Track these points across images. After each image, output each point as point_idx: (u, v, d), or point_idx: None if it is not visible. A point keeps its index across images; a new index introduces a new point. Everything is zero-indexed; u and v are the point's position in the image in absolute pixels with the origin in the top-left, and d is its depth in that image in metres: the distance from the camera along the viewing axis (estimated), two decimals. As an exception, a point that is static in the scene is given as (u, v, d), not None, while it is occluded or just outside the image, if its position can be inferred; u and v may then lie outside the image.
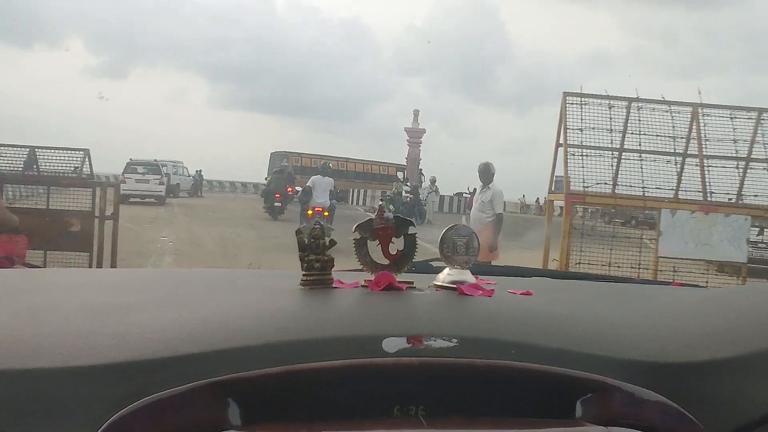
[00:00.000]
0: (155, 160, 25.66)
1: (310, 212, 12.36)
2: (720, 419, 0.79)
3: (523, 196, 45.50)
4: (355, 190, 35.34)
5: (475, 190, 9.53)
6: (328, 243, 1.00)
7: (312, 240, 0.99)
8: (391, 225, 1.02)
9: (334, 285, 1.00)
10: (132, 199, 22.57)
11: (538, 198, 43.78)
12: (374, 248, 1.04)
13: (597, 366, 0.79)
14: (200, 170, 35.59)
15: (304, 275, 0.99)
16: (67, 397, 0.67)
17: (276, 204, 18.49)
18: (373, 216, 1.03)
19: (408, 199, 22.39)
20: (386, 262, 1.03)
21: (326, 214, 11.99)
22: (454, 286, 1.01)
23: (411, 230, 1.04)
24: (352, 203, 34.17)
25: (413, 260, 1.05)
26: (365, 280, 1.02)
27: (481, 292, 1.00)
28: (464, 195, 29.81)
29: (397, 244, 1.04)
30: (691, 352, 0.85)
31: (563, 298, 1.17)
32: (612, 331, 0.90)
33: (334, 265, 1.01)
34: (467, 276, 1.03)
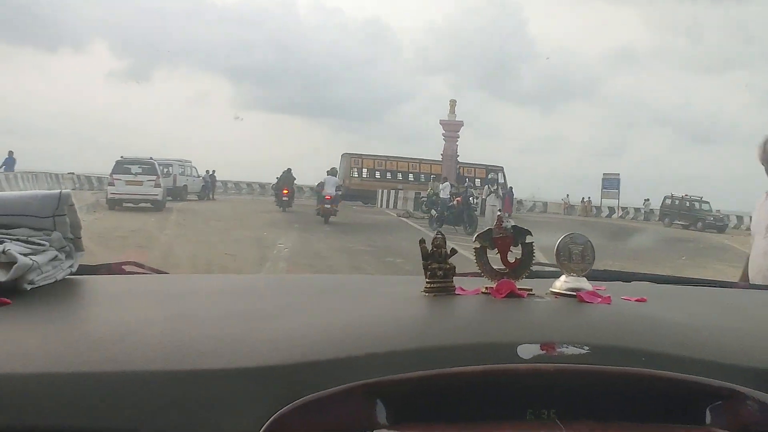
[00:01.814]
0: (151, 158, 24.61)
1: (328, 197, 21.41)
2: None
3: (567, 195, 45.29)
4: (384, 191, 35.64)
5: None
6: (449, 252, 1.16)
7: (434, 249, 1.15)
8: (510, 234, 1.19)
9: (456, 292, 1.17)
10: (126, 204, 22.44)
11: (584, 198, 43.55)
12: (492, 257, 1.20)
13: (725, 374, 0.88)
14: (212, 171, 35.98)
15: (427, 282, 1.16)
16: (231, 397, 0.81)
17: (284, 198, 25.16)
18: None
19: (454, 202, 20.94)
20: (506, 270, 1.19)
21: (327, 197, 21.30)
22: (573, 293, 1.16)
23: (528, 239, 1.20)
24: (381, 206, 34.21)
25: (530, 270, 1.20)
26: (486, 287, 1.18)
27: (600, 299, 1.15)
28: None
29: (515, 253, 1.20)
30: None
31: (678, 304, 1.30)
32: (734, 338, 1.01)
33: (455, 273, 1.17)
34: (584, 283, 1.19)
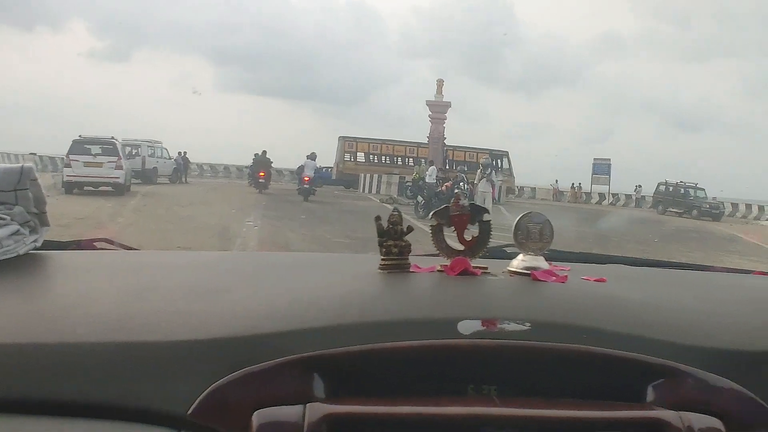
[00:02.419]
0: (112, 138, 23.56)
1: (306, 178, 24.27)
2: None
3: (556, 181, 45.51)
4: (367, 175, 35.37)
5: None
6: (405, 229, 1.21)
7: (390, 226, 1.20)
8: (467, 213, 1.24)
9: (411, 269, 1.21)
10: (87, 188, 21.61)
11: (574, 183, 43.81)
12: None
13: (669, 352, 0.92)
14: (185, 152, 35.55)
15: (382, 260, 1.21)
16: (169, 368, 0.86)
17: (260, 180, 26.91)
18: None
19: (443, 188, 20.62)
20: (461, 248, 1.24)
21: (306, 179, 24.14)
22: (528, 272, 1.21)
23: (486, 217, 1.25)
24: (363, 191, 34.06)
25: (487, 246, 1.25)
26: (441, 265, 1.23)
27: (554, 278, 1.20)
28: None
29: (471, 231, 1.25)
30: (765, 341, 0.99)
31: (638, 284, 1.36)
32: (685, 318, 1.06)
33: (411, 251, 1.22)
34: (541, 262, 1.24)
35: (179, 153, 35.17)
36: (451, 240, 1.25)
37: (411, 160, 38.22)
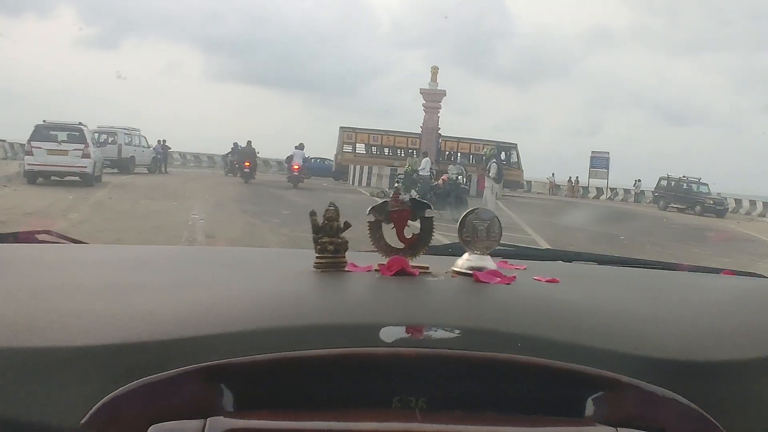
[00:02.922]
0: (80, 123, 22.51)
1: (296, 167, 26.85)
2: (745, 424, 0.89)
3: (552, 174, 45.55)
4: (357, 167, 35.28)
5: None
6: (342, 225, 1.18)
7: (326, 222, 1.17)
8: (407, 208, 1.21)
9: (347, 268, 1.19)
10: (53, 178, 20.89)
11: (571, 177, 43.87)
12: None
13: (611, 362, 0.89)
14: (164, 140, 35.51)
15: (317, 258, 1.18)
16: (60, 377, 0.82)
17: (245, 170, 28.36)
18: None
19: (439, 181, 19.61)
20: (401, 246, 1.21)
21: (294, 167, 27.02)
22: (471, 272, 1.19)
23: (428, 213, 1.22)
24: (353, 183, 33.92)
25: (431, 244, 1.23)
26: (378, 265, 1.20)
27: (498, 279, 1.18)
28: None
29: (413, 228, 1.23)
30: (717, 351, 0.96)
31: (592, 286, 1.34)
32: (632, 325, 1.03)
33: (348, 248, 1.19)
34: (487, 262, 1.22)
35: (159, 141, 35.11)
36: (393, 237, 1.23)
37: (415, 152, 37.55)
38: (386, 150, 38.92)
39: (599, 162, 43.53)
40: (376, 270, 1.20)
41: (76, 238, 1.63)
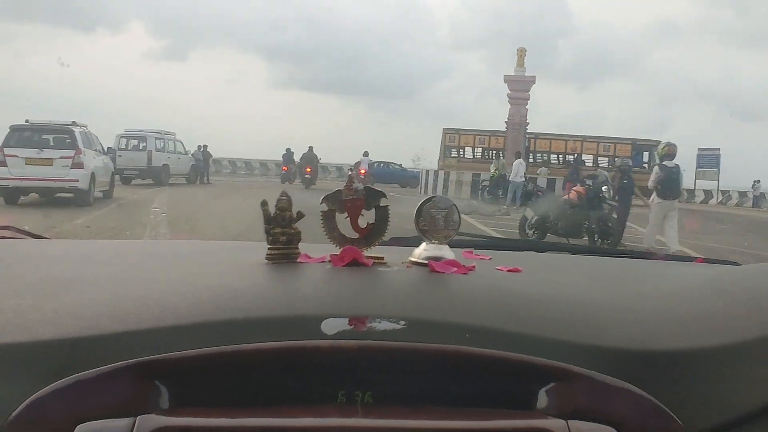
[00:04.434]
0: (74, 122, 19.61)
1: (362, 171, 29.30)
2: (701, 414, 0.97)
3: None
4: (430, 172, 34.23)
5: None
6: (295, 215, 1.35)
7: (278, 212, 1.34)
8: (361, 197, 1.38)
9: (299, 259, 1.36)
10: (34, 195, 18.53)
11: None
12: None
13: (565, 353, 0.97)
14: (205, 146, 35.73)
15: (269, 249, 1.35)
16: None
17: (306, 176, 32.22)
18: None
19: (571, 195, 14.46)
20: (356, 236, 1.38)
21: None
22: (427, 262, 1.34)
23: (383, 202, 1.38)
24: (425, 191, 32.22)
25: (385, 234, 1.39)
26: (331, 255, 1.37)
27: (455, 269, 1.32)
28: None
29: (367, 217, 1.38)
30: (673, 339, 1.04)
31: (555, 276, 1.47)
32: (588, 314, 1.13)
33: (300, 239, 1.36)
34: (445, 251, 1.37)
35: (198, 147, 35.48)
36: (347, 228, 1.39)
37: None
38: (494, 153, 37.44)
39: (707, 160, 41.98)
40: (329, 261, 1.35)
41: (37, 234, 1.84)
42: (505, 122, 36.29)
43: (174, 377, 0.93)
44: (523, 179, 23.54)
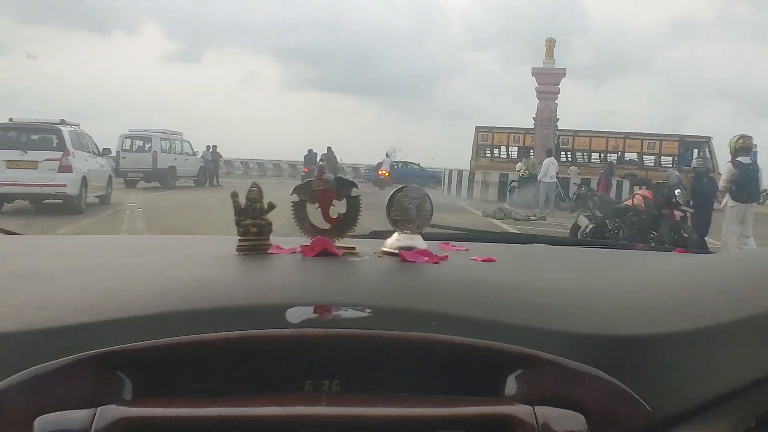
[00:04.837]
0: (62, 121, 19.03)
1: (385, 172, 34.62)
2: (669, 399, 1.03)
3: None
4: (454, 172, 34.21)
5: None
6: (266, 206, 1.45)
7: (248, 203, 1.44)
8: (332, 187, 1.47)
9: (270, 251, 1.45)
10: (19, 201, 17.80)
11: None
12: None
13: (533, 339, 1.04)
14: (214, 146, 36.01)
15: (240, 241, 1.45)
16: None
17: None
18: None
19: (633, 201, 12.91)
20: (327, 226, 1.47)
21: (381, 172, 35.77)
22: (398, 252, 1.43)
23: (354, 192, 1.48)
24: (448, 193, 32.72)
25: (356, 225, 1.48)
26: (302, 246, 1.46)
27: (426, 258, 1.41)
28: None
29: (339, 208, 1.48)
30: (641, 325, 1.11)
31: (532, 265, 1.56)
32: (561, 301, 1.20)
33: (272, 230, 1.46)
34: (417, 241, 1.46)
35: (207, 147, 35.75)
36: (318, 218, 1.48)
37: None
38: (524, 151, 36.83)
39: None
40: (299, 252, 1.45)
41: (10, 230, 1.95)
42: (533, 118, 35.76)
43: (136, 368, 0.98)
44: (555, 179, 23.49)
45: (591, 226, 12.74)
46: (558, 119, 35.51)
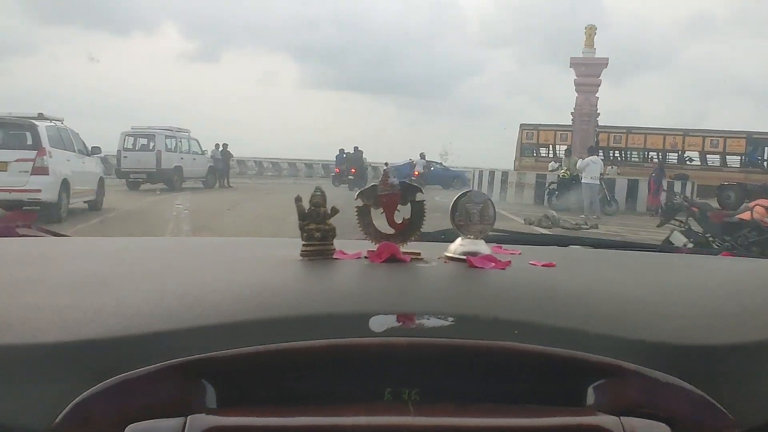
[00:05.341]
0: (40, 114, 17.61)
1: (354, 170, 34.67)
2: (753, 409, 1.09)
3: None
4: (485, 172, 33.48)
5: None
6: (330, 211, 1.58)
7: (312, 208, 1.57)
8: (397, 192, 1.60)
9: (335, 256, 1.59)
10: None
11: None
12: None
13: (613, 348, 1.10)
14: (225, 144, 35.76)
15: (303, 245, 1.58)
16: (33, 375, 1.01)
17: (350, 177, 35.29)
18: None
19: (749, 215, 11.22)
20: (391, 231, 1.61)
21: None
22: (464, 257, 1.56)
23: (419, 197, 1.61)
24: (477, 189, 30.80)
25: (422, 230, 1.62)
26: (368, 252, 1.59)
27: (493, 264, 1.54)
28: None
29: (403, 213, 1.61)
30: (723, 334, 1.19)
31: (590, 270, 1.69)
32: (633, 309, 1.28)
33: (335, 235, 1.59)
34: (480, 246, 1.60)
35: (216, 146, 35.61)
36: (383, 223, 1.61)
37: (634, 153, 36.82)
38: (564, 150, 34.77)
39: None
40: (365, 257, 1.58)
41: (57, 232, 2.09)
42: (571, 113, 35.40)
43: (221, 376, 1.05)
44: (598, 181, 22.61)
45: (689, 244, 10.52)
46: (599, 114, 34.99)
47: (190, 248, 1.96)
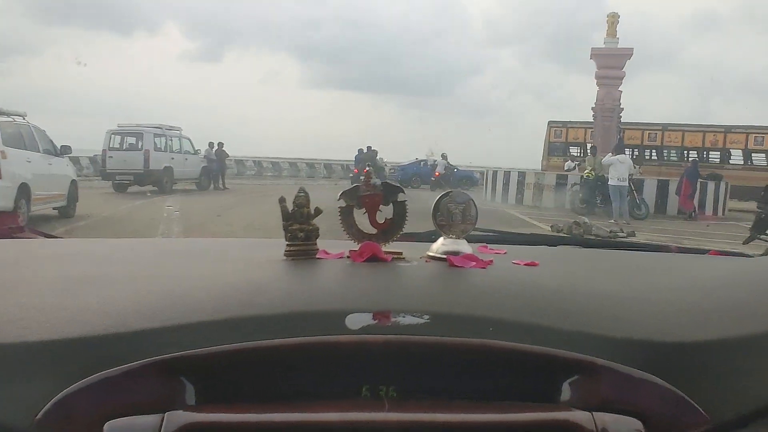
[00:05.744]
0: None
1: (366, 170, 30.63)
2: (725, 405, 1.16)
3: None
4: (499, 173, 32.16)
5: None
6: (313, 212, 1.71)
7: (296, 208, 1.70)
8: (379, 192, 1.74)
9: (318, 255, 1.71)
10: None
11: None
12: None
13: (587, 345, 1.18)
14: (220, 144, 35.40)
15: (287, 245, 1.71)
16: (16, 373, 1.09)
17: (361, 177, 31.24)
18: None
19: None
20: (374, 231, 1.74)
21: (437, 174, 41.35)
22: (445, 257, 1.69)
23: (400, 197, 1.74)
24: (490, 197, 30.49)
25: (403, 230, 1.75)
26: (350, 251, 1.72)
27: (474, 263, 1.67)
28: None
29: (385, 213, 1.74)
30: (698, 331, 1.26)
31: (573, 269, 1.81)
32: (610, 307, 1.36)
33: (318, 235, 1.72)
34: (462, 246, 1.73)
35: (210, 144, 35.31)
36: (365, 223, 1.75)
37: (671, 152, 36.25)
38: (589, 149, 33.64)
39: None
40: (347, 257, 1.70)
41: (50, 233, 2.23)
42: (592, 108, 34.34)
43: (200, 373, 1.13)
44: (624, 182, 21.96)
45: None
46: (623, 109, 33.94)
47: (176, 249, 2.08)
